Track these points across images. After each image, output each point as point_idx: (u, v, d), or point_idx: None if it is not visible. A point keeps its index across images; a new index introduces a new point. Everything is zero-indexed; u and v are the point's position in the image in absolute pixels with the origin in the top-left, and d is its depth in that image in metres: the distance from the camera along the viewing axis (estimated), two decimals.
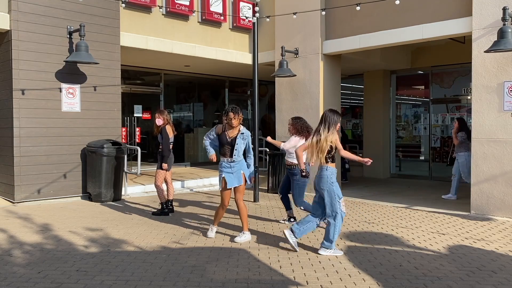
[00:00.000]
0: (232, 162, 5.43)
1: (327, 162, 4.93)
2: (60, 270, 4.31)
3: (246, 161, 5.60)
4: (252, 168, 5.66)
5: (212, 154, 5.56)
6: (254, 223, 6.48)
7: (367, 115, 12.56)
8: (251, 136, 5.63)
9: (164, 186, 7.08)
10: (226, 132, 5.45)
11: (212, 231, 5.69)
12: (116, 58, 8.67)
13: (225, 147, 5.44)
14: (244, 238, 5.46)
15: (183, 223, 6.40)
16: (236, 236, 5.56)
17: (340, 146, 5.03)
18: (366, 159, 5.05)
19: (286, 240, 5.06)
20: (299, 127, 6.27)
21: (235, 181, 5.45)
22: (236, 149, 5.41)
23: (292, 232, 5.00)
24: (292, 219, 6.52)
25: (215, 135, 5.54)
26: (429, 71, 11.81)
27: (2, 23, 7.44)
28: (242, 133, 5.46)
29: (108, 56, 8.52)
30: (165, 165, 6.93)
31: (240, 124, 5.50)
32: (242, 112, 5.48)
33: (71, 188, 8.22)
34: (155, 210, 7.18)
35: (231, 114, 5.35)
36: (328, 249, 4.92)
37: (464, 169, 8.52)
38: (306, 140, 5.94)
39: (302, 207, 6.26)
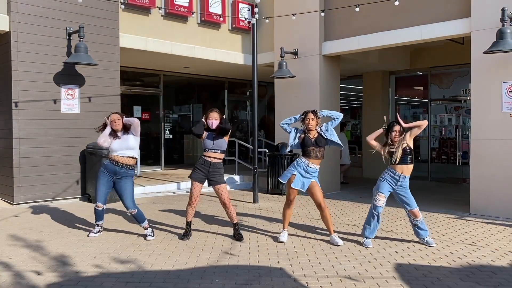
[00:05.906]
0: (310, 167, 5.32)
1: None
2: (60, 272, 4.31)
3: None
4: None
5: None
6: (253, 223, 6.48)
7: (366, 116, 12.57)
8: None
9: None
10: (307, 134, 5.38)
11: (283, 235, 5.50)
12: (115, 59, 8.66)
13: (309, 148, 5.34)
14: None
15: (183, 224, 6.39)
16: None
17: None
18: None
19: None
20: None
21: (299, 184, 5.35)
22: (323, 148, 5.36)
23: None
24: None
25: (298, 138, 5.43)
26: (428, 72, 11.83)
27: (1, 25, 7.43)
28: (324, 128, 5.40)
29: (107, 57, 8.52)
30: None
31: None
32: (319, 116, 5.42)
33: (71, 189, 8.21)
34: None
35: (310, 115, 5.33)
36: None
37: None
38: None
39: None
